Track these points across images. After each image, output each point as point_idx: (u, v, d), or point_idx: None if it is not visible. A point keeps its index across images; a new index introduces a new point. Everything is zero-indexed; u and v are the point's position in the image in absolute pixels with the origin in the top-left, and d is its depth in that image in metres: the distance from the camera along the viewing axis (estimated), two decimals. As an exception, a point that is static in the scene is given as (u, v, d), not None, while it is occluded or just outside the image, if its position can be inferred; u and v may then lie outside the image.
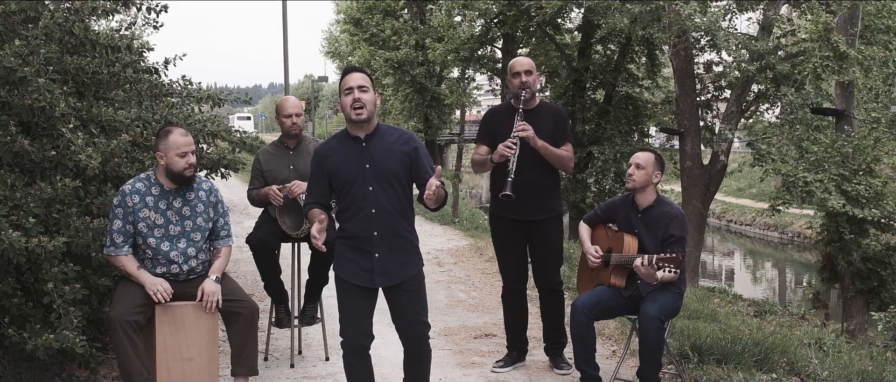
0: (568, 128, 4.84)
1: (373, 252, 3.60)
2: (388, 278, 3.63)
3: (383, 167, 3.57)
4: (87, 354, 4.01)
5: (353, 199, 3.58)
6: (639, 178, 4.38)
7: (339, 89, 3.63)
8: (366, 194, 3.56)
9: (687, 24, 11.36)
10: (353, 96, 3.54)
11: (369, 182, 3.56)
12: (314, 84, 58.40)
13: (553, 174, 4.79)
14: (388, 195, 3.58)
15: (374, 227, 3.58)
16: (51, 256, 3.82)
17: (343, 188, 3.61)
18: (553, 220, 4.82)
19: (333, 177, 3.62)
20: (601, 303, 4.35)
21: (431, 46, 18.48)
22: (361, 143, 3.61)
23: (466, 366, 5.08)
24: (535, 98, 4.78)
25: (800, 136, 11.67)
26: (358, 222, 3.58)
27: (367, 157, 3.58)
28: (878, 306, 10.65)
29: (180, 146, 3.93)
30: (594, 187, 17.37)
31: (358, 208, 3.58)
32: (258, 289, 6.07)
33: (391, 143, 3.63)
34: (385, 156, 3.59)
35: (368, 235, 3.58)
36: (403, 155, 3.61)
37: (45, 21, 4.22)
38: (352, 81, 3.55)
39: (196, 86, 5.86)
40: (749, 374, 4.65)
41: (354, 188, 3.57)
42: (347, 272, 3.65)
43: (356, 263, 3.62)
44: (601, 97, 17.85)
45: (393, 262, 3.61)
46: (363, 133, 3.61)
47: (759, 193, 28.39)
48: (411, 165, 3.62)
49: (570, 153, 4.76)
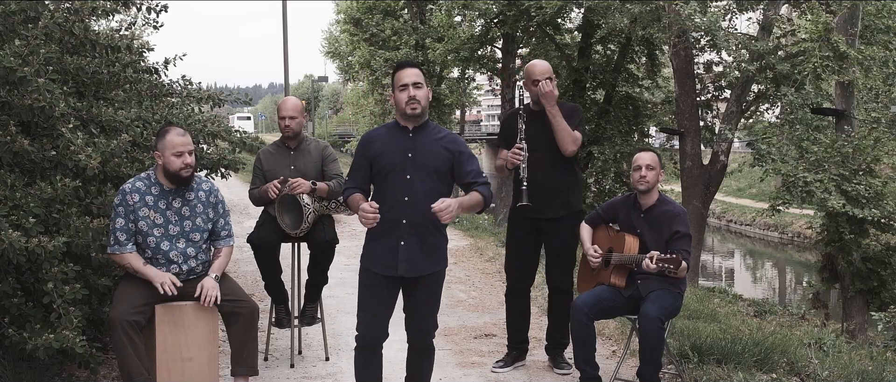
0: (580, 120, 4.82)
1: (399, 240, 3.61)
2: (411, 267, 3.63)
3: (425, 159, 3.62)
4: (87, 354, 4.01)
5: (389, 185, 3.62)
6: (652, 179, 4.39)
7: (393, 84, 3.68)
8: (403, 182, 3.59)
9: (687, 24, 11.36)
10: (408, 93, 3.60)
11: (408, 171, 3.60)
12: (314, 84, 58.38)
13: (570, 172, 4.79)
14: (425, 187, 3.60)
15: (404, 215, 3.59)
16: (51, 256, 3.82)
17: (381, 174, 3.64)
18: (569, 218, 4.80)
19: (375, 162, 3.66)
20: (601, 303, 4.35)
21: (431, 46, 18.48)
22: (408, 133, 3.66)
23: (466, 366, 5.08)
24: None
25: (800, 136, 11.68)
26: (390, 209, 3.60)
27: (410, 146, 3.63)
28: (878, 306, 10.65)
29: (176, 146, 3.93)
30: (594, 187, 17.37)
31: (392, 193, 3.60)
32: (258, 289, 6.07)
33: (438, 139, 3.68)
34: (429, 149, 3.64)
35: (397, 222, 3.60)
36: (447, 153, 3.66)
37: (45, 21, 4.22)
38: (407, 78, 3.62)
39: (196, 86, 5.87)
40: (749, 374, 4.65)
41: (393, 175, 3.61)
42: (371, 260, 3.67)
43: (382, 250, 3.64)
44: (601, 97, 17.85)
45: (418, 253, 3.63)
46: (412, 125, 3.67)
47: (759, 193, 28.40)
48: (454, 164, 3.67)
49: (576, 137, 4.72)
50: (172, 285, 3.92)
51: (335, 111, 72.33)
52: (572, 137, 4.70)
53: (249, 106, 56.16)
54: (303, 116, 5.04)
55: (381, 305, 3.68)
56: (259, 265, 4.97)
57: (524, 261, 4.92)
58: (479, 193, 3.66)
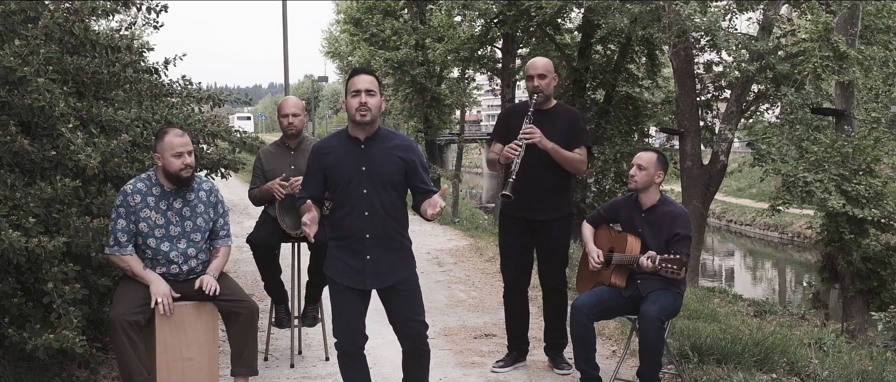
0: (582, 131, 4.81)
1: (364, 254, 3.60)
2: (379, 280, 3.63)
3: (380, 171, 3.58)
4: (87, 354, 4.01)
5: (348, 199, 3.59)
6: (640, 179, 4.38)
7: (346, 89, 3.63)
8: (360, 196, 3.57)
9: (687, 24, 11.36)
10: (359, 100, 3.53)
11: (365, 184, 3.57)
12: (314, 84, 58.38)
13: (563, 174, 4.78)
14: (383, 199, 3.58)
15: (366, 229, 3.58)
16: (51, 256, 3.82)
17: (338, 187, 3.61)
18: (561, 220, 4.81)
19: (329, 175, 3.63)
20: (601, 303, 4.35)
21: (431, 46, 18.48)
22: (360, 145, 3.61)
23: (466, 366, 5.08)
24: (550, 100, 4.78)
25: (800, 136, 11.68)
26: (351, 223, 3.59)
27: (364, 159, 3.59)
28: (878, 306, 10.65)
29: (175, 147, 3.92)
30: (594, 187, 17.38)
31: (351, 208, 3.58)
32: (258, 289, 6.07)
33: (390, 148, 3.63)
34: (383, 160, 3.59)
35: (361, 236, 3.59)
36: (401, 162, 3.62)
37: (45, 21, 4.22)
38: (360, 84, 3.55)
39: (196, 86, 5.86)
40: (749, 374, 4.65)
41: (349, 189, 3.58)
42: (339, 273, 3.65)
43: (347, 264, 3.62)
44: (601, 97, 17.86)
45: (385, 264, 3.61)
46: (363, 135, 3.61)
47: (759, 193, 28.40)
48: (408, 172, 3.64)
49: (582, 157, 4.74)
50: (168, 306, 3.91)
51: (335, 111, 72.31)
52: (580, 160, 4.73)
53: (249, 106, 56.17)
54: (304, 115, 5.04)
55: (353, 311, 3.66)
56: (258, 266, 4.97)
57: (519, 261, 4.92)
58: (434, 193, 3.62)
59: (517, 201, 4.57)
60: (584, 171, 4.85)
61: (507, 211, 4.86)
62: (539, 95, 4.68)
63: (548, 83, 4.72)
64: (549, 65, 4.80)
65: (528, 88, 4.75)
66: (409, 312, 3.69)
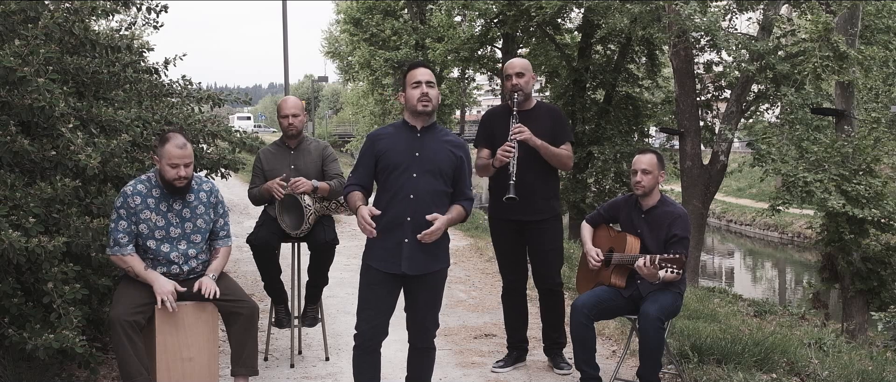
0: (567, 127, 4.85)
1: (403, 237, 3.62)
2: (413, 265, 3.64)
3: (432, 158, 3.65)
4: (87, 354, 4.01)
5: (395, 182, 3.64)
6: (647, 183, 4.38)
7: (405, 82, 3.72)
8: (408, 180, 3.62)
9: (687, 24, 11.36)
10: (421, 90, 3.65)
11: (414, 169, 3.63)
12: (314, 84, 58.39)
13: (551, 175, 4.79)
14: (430, 186, 3.63)
15: (408, 212, 3.61)
16: (51, 256, 3.82)
17: (387, 171, 3.66)
18: (551, 220, 4.81)
19: (381, 159, 3.69)
20: (601, 303, 4.35)
21: (431, 46, 18.49)
22: (416, 132, 3.70)
23: (466, 366, 5.08)
24: (530, 99, 4.77)
25: (800, 136, 11.67)
26: (394, 206, 3.62)
27: (418, 146, 3.67)
28: (878, 306, 10.66)
29: (173, 157, 3.92)
30: (594, 187, 17.39)
31: (397, 191, 3.63)
32: (258, 289, 6.07)
33: (445, 140, 3.72)
34: (436, 149, 3.68)
35: (402, 220, 3.62)
36: (453, 156, 3.70)
37: (45, 21, 4.21)
38: (421, 76, 3.67)
39: (196, 86, 5.87)
40: (749, 374, 4.65)
41: (398, 172, 3.64)
42: (374, 256, 3.68)
43: (384, 247, 3.65)
44: (601, 97, 17.87)
45: (421, 251, 3.63)
46: (421, 124, 3.71)
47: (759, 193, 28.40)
48: (456, 168, 3.71)
49: (569, 153, 4.77)
50: (172, 304, 3.91)
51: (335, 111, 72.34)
52: (567, 156, 4.73)
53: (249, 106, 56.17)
54: (304, 115, 5.04)
55: (381, 304, 3.69)
56: (258, 266, 4.97)
57: (514, 262, 4.93)
58: (463, 208, 3.73)
59: (504, 203, 4.56)
60: (571, 167, 4.86)
61: (495, 212, 4.86)
62: (519, 94, 4.67)
63: (526, 81, 4.71)
64: (526, 64, 4.80)
65: (507, 89, 4.74)
66: (429, 308, 3.75)
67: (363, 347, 3.72)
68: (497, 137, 4.68)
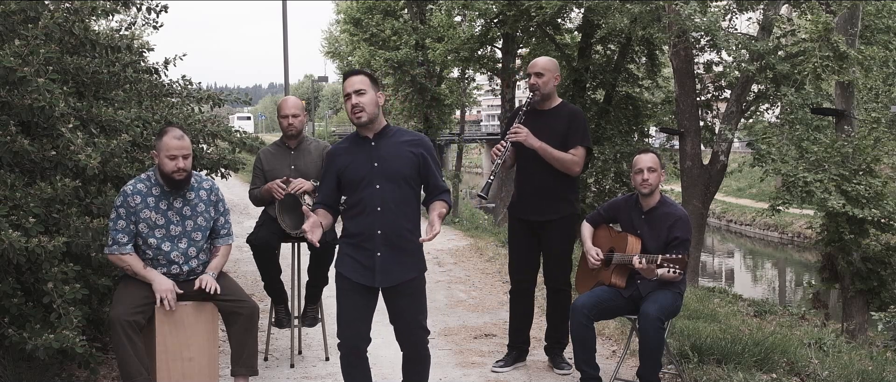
0: (583, 130, 4.78)
1: (375, 251, 3.60)
2: (387, 277, 3.62)
3: (391, 166, 3.59)
4: (87, 354, 4.01)
5: (360, 196, 3.60)
6: (654, 181, 4.38)
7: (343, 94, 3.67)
8: (372, 192, 3.58)
9: (687, 24, 11.36)
10: (350, 102, 3.58)
11: (376, 180, 3.58)
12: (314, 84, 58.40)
13: (562, 175, 4.75)
14: (395, 195, 3.59)
15: (377, 225, 3.58)
16: (51, 256, 3.82)
17: (351, 186, 3.63)
18: (561, 221, 4.80)
19: (342, 175, 3.65)
20: (601, 303, 4.35)
21: (431, 46, 18.48)
22: (370, 142, 3.64)
23: (466, 366, 5.08)
24: (551, 99, 4.78)
25: (800, 136, 11.67)
26: (363, 220, 3.59)
27: (375, 155, 3.61)
28: (878, 306, 10.65)
29: (171, 149, 3.92)
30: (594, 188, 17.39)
31: (364, 205, 3.59)
32: (258, 289, 6.07)
33: (401, 142, 3.65)
34: (393, 155, 3.61)
35: (372, 233, 3.59)
36: (412, 156, 3.63)
37: (45, 21, 4.22)
38: (349, 87, 3.59)
39: (196, 86, 5.87)
40: (749, 374, 4.65)
41: (362, 186, 3.59)
42: (348, 269, 3.65)
43: (357, 261, 3.62)
44: (601, 97, 17.86)
45: (394, 262, 3.61)
46: (371, 133, 3.64)
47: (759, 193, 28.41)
48: (420, 167, 3.65)
49: (575, 157, 4.71)
50: (172, 302, 3.91)
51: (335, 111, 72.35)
52: (571, 160, 4.69)
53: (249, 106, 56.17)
54: (304, 115, 5.04)
55: (359, 312, 3.64)
56: (258, 266, 4.97)
57: (524, 261, 4.93)
58: (443, 201, 3.67)
59: (520, 203, 4.58)
60: (577, 172, 4.78)
61: (513, 212, 4.90)
62: (535, 94, 4.69)
63: (545, 81, 4.71)
64: (548, 63, 4.79)
65: (530, 87, 4.78)
66: (413, 315, 3.67)
67: (348, 354, 3.68)
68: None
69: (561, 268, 4.86)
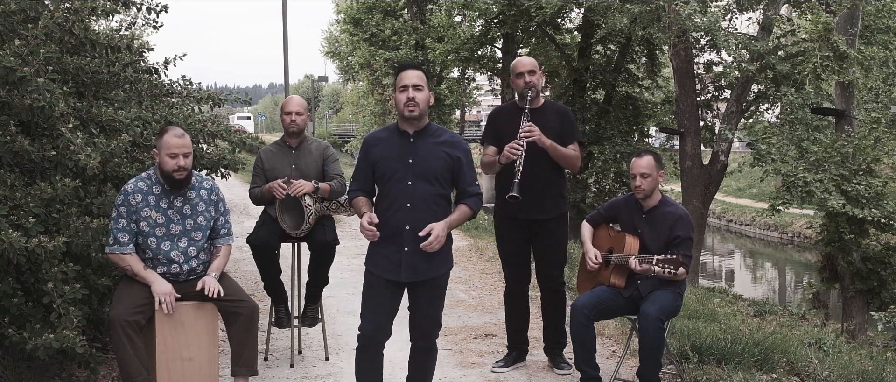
0: (575, 127, 4.83)
1: (403, 246, 3.62)
2: (414, 273, 3.65)
3: (426, 165, 3.62)
4: (87, 354, 4.01)
5: (391, 190, 3.63)
6: (647, 186, 4.37)
7: (394, 85, 3.69)
8: (404, 188, 3.61)
9: (687, 24, 11.37)
10: (407, 95, 3.59)
11: (409, 177, 3.61)
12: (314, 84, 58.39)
13: (557, 173, 4.78)
14: (426, 192, 3.61)
15: (407, 221, 3.60)
16: (51, 256, 3.82)
17: (383, 179, 3.66)
18: (558, 219, 4.81)
19: (376, 166, 3.68)
20: (601, 303, 4.35)
21: (431, 46, 18.49)
22: (409, 138, 3.66)
23: (466, 366, 5.08)
24: (539, 97, 4.78)
25: (800, 136, 11.68)
26: (393, 215, 3.62)
27: (411, 152, 3.63)
28: (878, 306, 10.66)
29: (171, 147, 3.92)
30: (594, 187, 17.41)
31: (394, 199, 3.62)
32: (258, 289, 6.07)
33: (438, 143, 3.67)
34: (429, 154, 3.64)
35: (401, 228, 3.61)
36: (447, 157, 3.66)
37: (45, 21, 4.22)
38: (407, 79, 3.61)
39: (196, 86, 5.87)
40: (749, 374, 4.65)
41: (394, 180, 3.62)
42: (375, 264, 3.68)
43: (385, 256, 3.65)
44: (601, 97, 17.89)
45: (421, 258, 3.63)
46: (412, 129, 3.67)
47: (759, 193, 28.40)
48: (454, 169, 3.67)
49: (577, 153, 4.75)
50: (170, 305, 3.91)
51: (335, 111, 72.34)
52: (575, 156, 4.71)
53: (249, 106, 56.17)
54: (307, 115, 5.04)
55: (384, 306, 3.70)
56: (258, 266, 4.96)
57: (518, 261, 4.92)
58: (469, 206, 3.70)
59: (510, 202, 4.56)
60: (578, 167, 4.84)
61: (502, 211, 4.85)
62: (531, 92, 4.67)
63: (538, 79, 4.72)
64: (534, 62, 4.80)
65: (518, 87, 4.73)
66: (432, 309, 3.75)
67: (366, 347, 3.72)
68: (504, 135, 4.68)
69: (556, 267, 4.86)
